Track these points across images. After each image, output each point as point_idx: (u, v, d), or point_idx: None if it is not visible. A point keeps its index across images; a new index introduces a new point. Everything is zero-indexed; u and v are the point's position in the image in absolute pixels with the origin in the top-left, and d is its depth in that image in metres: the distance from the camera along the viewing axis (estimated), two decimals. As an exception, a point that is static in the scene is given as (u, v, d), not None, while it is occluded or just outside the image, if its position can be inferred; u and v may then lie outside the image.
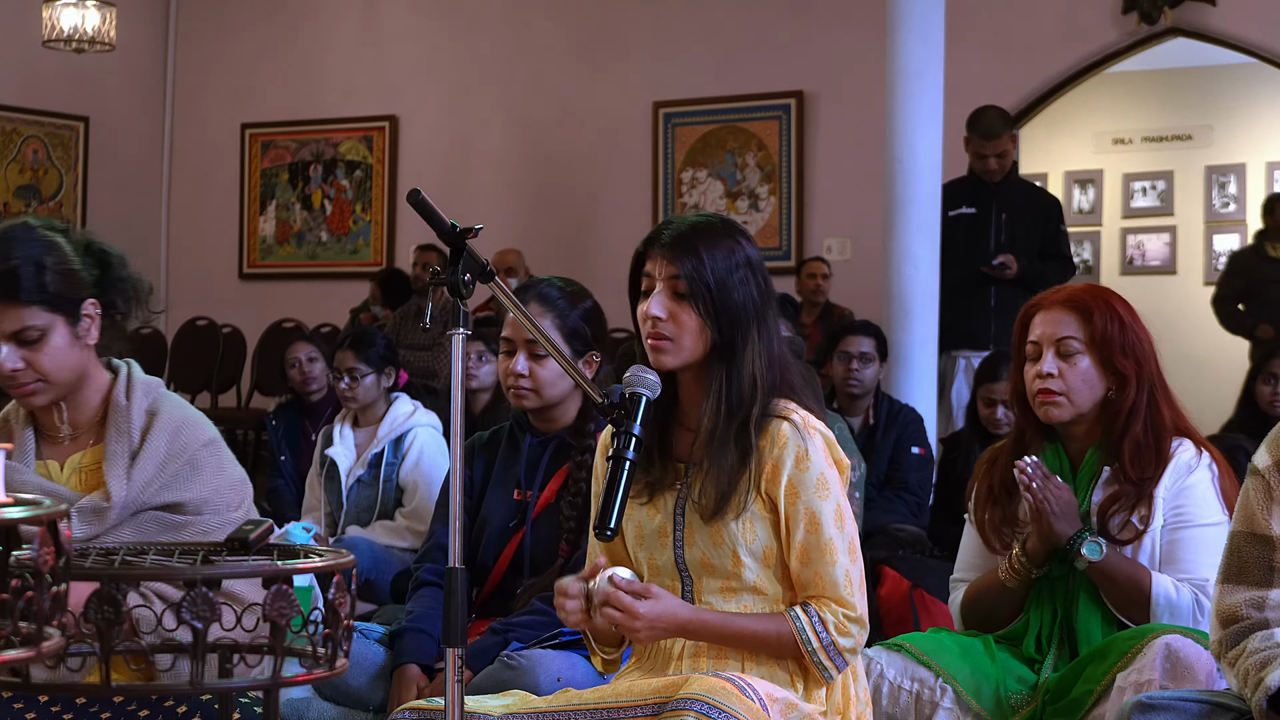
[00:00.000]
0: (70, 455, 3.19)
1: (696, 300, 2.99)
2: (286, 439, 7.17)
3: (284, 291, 12.09)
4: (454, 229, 2.75)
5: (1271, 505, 2.92)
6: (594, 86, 11.20)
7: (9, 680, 2.05)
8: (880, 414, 6.73)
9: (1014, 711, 3.50)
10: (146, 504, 3.10)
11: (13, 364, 3.06)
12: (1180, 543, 3.55)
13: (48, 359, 3.08)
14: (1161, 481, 3.58)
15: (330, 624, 2.12)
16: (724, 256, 3.02)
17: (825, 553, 2.97)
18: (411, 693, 3.81)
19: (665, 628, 2.96)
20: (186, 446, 3.14)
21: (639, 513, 3.09)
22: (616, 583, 2.92)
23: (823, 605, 2.97)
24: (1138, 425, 3.59)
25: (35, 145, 12.07)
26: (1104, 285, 3.78)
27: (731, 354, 2.99)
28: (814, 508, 2.97)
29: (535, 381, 3.94)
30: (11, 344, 3.05)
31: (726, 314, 2.99)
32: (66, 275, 3.09)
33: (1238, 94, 12.51)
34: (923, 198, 7.79)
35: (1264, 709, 2.77)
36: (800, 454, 2.98)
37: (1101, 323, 3.61)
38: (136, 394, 3.17)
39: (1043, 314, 3.68)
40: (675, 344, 3.00)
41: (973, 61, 9.50)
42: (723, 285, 3.00)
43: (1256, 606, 2.89)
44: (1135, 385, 3.60)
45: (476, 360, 6.87)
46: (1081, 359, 3.62)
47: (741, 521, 2.99)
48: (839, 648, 2.96)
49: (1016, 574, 3.62)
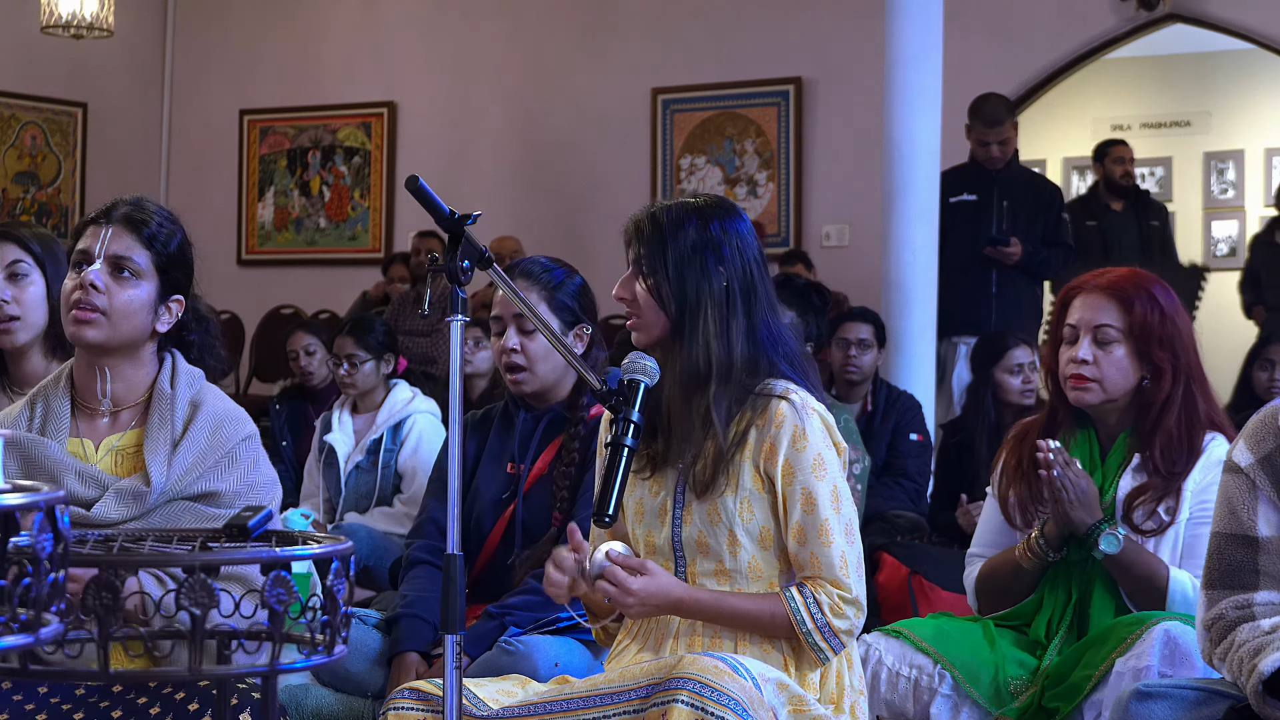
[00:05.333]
0: (107, 436, 3.20)
1: (650, 278, 3.05)
2: (289, 425, 7.17)
3: (282, 278, 12.09)
4: (452, 215, 2.76)
5: (1256, 504, 2.87)
6: (592, 73, 11.19)
7: (7, 666, 2.05)
8: (879, 400, 6.74)
9: (1013, 697, 3.50)
10: (182, 492, 3.11)
11: (98, 279, 3.12)
12: (1203, 539, 3.51)
13: (123, 298, 3.14)
14: (1191, 475, 3.56)
15: (329, 610, 2.12)
16: (683, 240, 3.06)
17: (821, 533, 2.98)
18: (410, 680, 3.81)
19: (658, 604, 2.98)
20: (227, 440, 3.17)
21: (641, 489, 3.11)
22: (612, 557, 2.96)
23: (818, 586, 2.98)
24: (1171, 418, 3.56)
25: (34, 131, 12.06)
26: (1148, 272, 3.71)
27: (684, 334, 3.04)
28: (810, 487, 2.98)
29: (527, 357, 3.96)
30: (110, 265, 3.14)
31: (679, 294, 3.04)
32: (180, 258, 3.21)
33: (1236, 80, 12.50)
34: (921, 184, 7.79)
35: (1260, 693, 2.77)
36: (797, 433, 2.99)
37: (1142, 312, 3.58)
38: (181, 384, 3.20)
39: (1083, 297, 3.65)
40: (642, 321, 3.08)
41: (971, 48, 9.49)
42: (678, 268, 3.04)
43: (1240, 608, 2.86)
44: (1170, 377, 3.57)
45: (473, 346, 6.87)
46: (1117, 348, 3.59)
47: (739, 500, 3.01)
48: (834, 629, 2.97)
49: (1033, 556, 3.61)
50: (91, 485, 3.09)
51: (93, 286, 3.12)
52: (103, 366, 3.19)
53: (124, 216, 3.18)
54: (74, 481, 3.09)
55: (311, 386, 7.32)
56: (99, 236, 3.17)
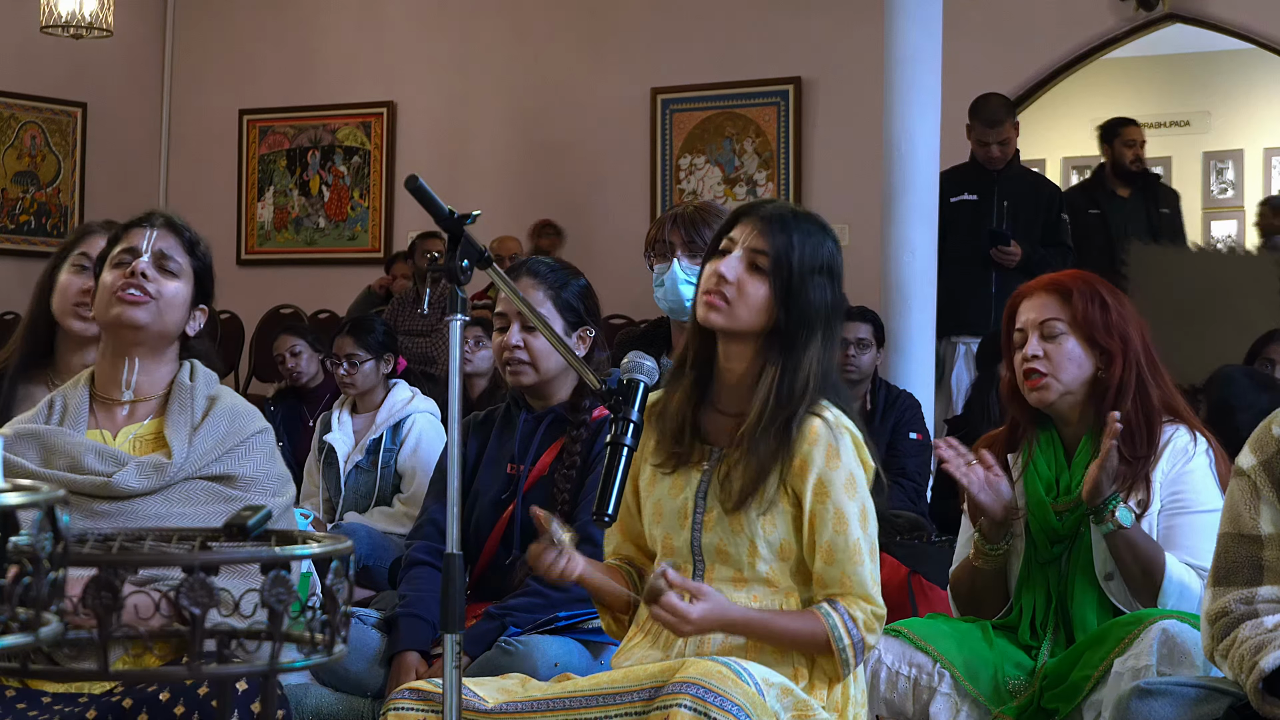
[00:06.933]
0: (125, 427, 3.29)
1: (774, 278, 2.99)
2: (285, 425, 7.18)
3: (282, 278, 12.09)
4: (452, 215, 2.76)
5: (1258, 504, 2.94)
6: (592, 73, 11.19)
7: (7, 666, 2.05)
8: (878, 400, 6.73)
9: (1012, 697, 3.51)
10: (201, 471, 3.21)
11: (148, 269, 3.28)
12: (1179, 528, 3.55)
13: (170, 289, 3.30)
14: (1159, 466, 3.59)
15: (328, 610, 2.12)
16: (814, 250, 3.03)
17: (853, 554, 2.99)
18: (410, 679, 3.81)
19: (711, 627, 2.95)
20: (243, 430, 3.28)
21: (660, 488, 3.09)
22: (672, 581, 2.87)
23: (851, 603, 2.99)
24: (1126, 403, 3.59)
25: (33, 131, 12.06)
26: (1090, 273, 3.78)
27: (792, 346, 3.00)
28: (842, 508, 2.98)
29: (530, 353, 3.95)
30: (155, 260, 3.29)
31: (799, 304, 3.00)
32: (210, 269, 3.40)
33: (1235, 80, 12.51)
34: (920, 184, 7.78)
35: (1260, 691, 2.77)
36: (831, 451, 2.98)
37: (1082, 303, 3.63)
38: (199, 380, 3.33)
39: (1026, 301, 3.72)
40: (731, 307, 3.00)
41: (971, 48, 9.49)
42: (803, 275, 3.00)
43: (1245, 602, 2.91)
44: (1122, 362, 3.61)
45: (473, 345, 6.88)
46: (1066, 339, 3.64)
47: (763, 513, 3.00)
48: (866, 645, 2.99)
49: (982, 554, 3.65)
50: (111, 463, 3.16)
51: (143, 275, 3.27)
52: (131, 356, 3.31)
53: (167, 221, 3.37)
54: (93, 460, 3.17)
55: (303, 386, 7.33)
56: (144, 236, 3.33)
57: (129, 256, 3.31)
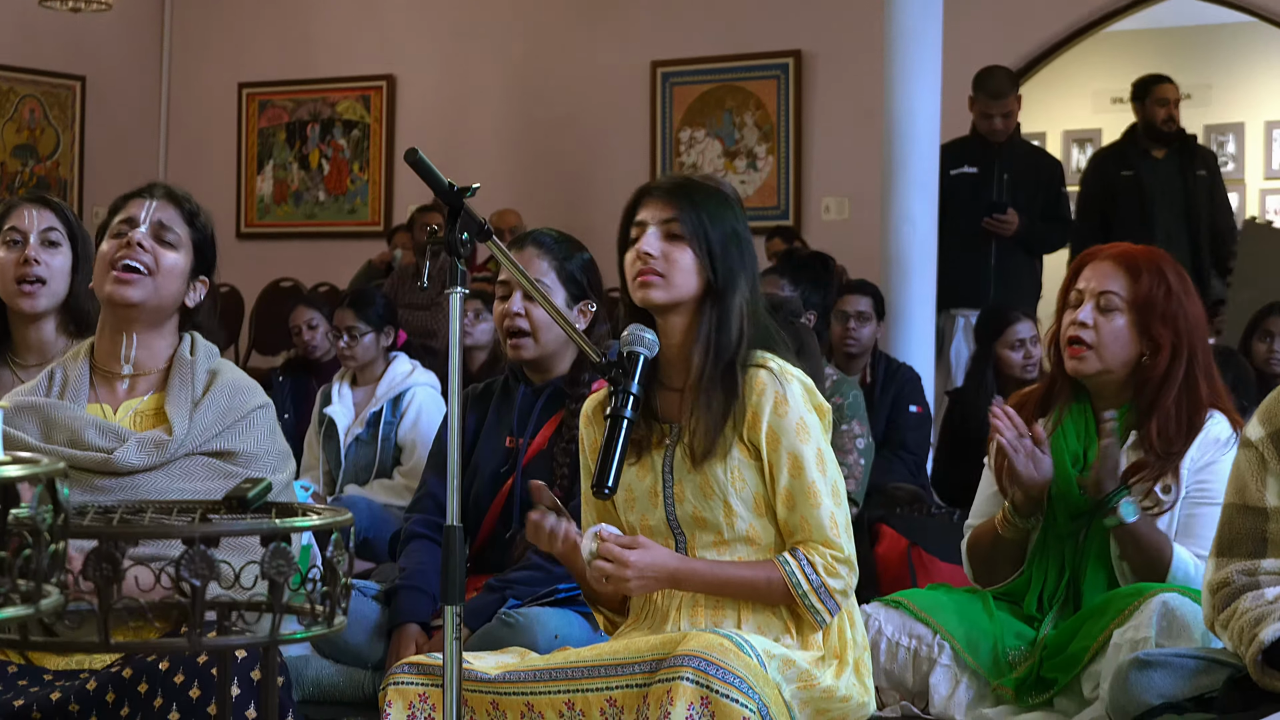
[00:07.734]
0: (126, 401, 3.30)
1: (693, 241, 3.06)
2: (292, 397, 7.18)
3: (282, 251, 12.08)
4: (451, 188, 2.76)
5: (1265, 476, 2.94)
6: (592, 46, 11.16)
7: (7, 638, 2.05)
8: (878, 373, 6.73)
9: (1012, 667, 3.51)
10: (201, 447, 3.21)
11: (145, 240, 3.26)
12: (1199, 518, 3.50)
13: (168, 260, 3.29)
14: (1189, 453, 3.54)
15: (329, 582, 2.12)
16: (716, 204, 3.11)
17: (809, 496, 3.00)
18: (410, 651, 3.82)
19: (655, 577, 3.00)
20: (244, 405, 3.28)
21: (629, 475, 3.12)
22: (604, 536, 2.98)
23: (810, 548, 3.00)
24: (1169, 398, 3.54)
25: (32, 105, 12.04)
26: (1165, 253, 3.71)
27: (722, 297, 3.05)
28: (796, 451, 3.01)
29: (531, 322, 3.95)
30: (154, 231, 3.28)
31: (723, 256, 3.06)
32: (211, 240, 3.38)
33: (1236, 53, 12.48)
34: (921, 157, 7.77)
35: (1259, 663, 2.78)
36: (778, 399, 3.02)
37: (1147, 284, 3.57)
38: (200, 354, 3.32)
39: (1093, 265, 3.65)
40: (666, 280, 3.06)
41: (971, 21, 9.46)
42: (718, 228, 3.08)
43: (1248, 574, 2.90)
44: (1170, 354, 3.55)
45: (473, 318, 6.88)
46: (1118, 316, 3.58)
47: (729, 470, 3.02)
48: (829, 589, 2.99)
49: (1009, 524, 3.62)
50: (111, 438, 3.16)
51: (140, 246, 3.25)
52: (130, 331, 3.29)
53: (167, 192, 3.35)
54: (94, 435, 3.18)
55: (315, 359, 7.34)
56: (144, 206, 3.31)
57: (127, 227, 3.30)
